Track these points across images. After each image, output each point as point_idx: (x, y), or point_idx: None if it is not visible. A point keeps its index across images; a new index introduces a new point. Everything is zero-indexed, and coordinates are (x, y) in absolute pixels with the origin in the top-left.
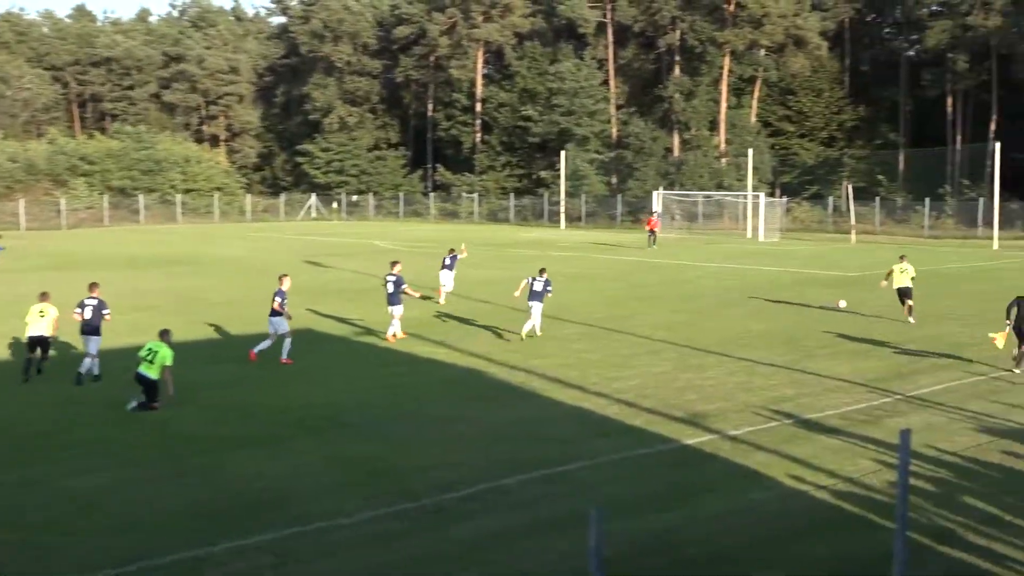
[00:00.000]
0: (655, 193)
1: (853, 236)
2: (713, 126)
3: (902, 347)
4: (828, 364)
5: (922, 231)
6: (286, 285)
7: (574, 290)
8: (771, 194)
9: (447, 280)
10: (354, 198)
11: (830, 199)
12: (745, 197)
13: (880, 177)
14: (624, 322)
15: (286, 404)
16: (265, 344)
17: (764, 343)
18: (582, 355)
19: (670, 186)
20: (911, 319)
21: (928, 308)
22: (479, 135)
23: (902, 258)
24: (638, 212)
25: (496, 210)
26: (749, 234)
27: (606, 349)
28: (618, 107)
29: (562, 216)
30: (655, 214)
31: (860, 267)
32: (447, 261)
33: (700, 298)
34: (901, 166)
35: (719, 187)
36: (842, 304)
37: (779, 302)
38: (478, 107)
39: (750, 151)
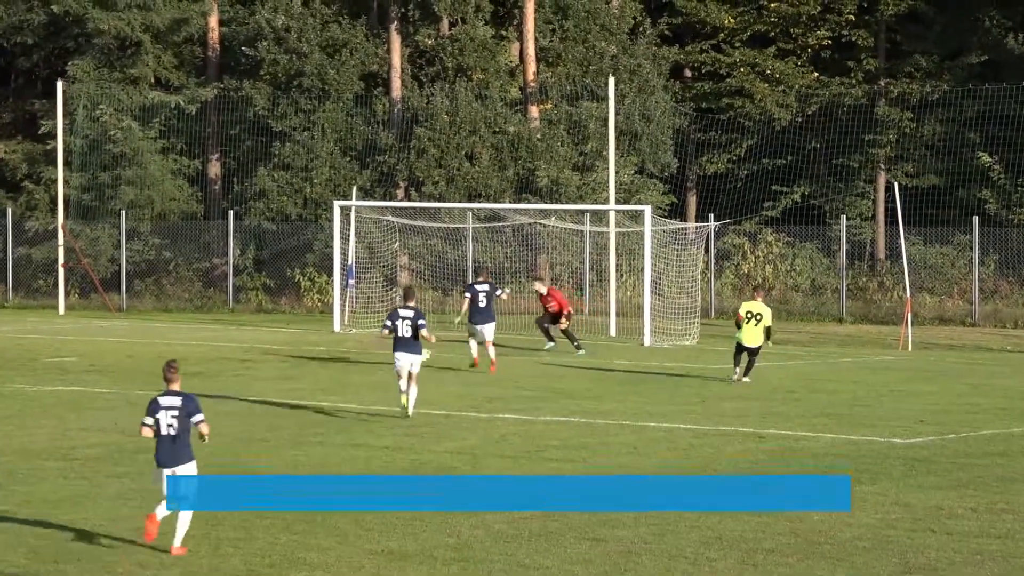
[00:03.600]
0: (336, 205)
1: (907, 335)
2: (502, 20)
3: None
4: None
5: None
6: None
7: None
8: (668, 209)
9: (489, 333)
10: None
11: (841, 222)
12: (598, 216)
13: (987, 159)
14: None
15: None
16: None
17: None
18: None
19: (380, 183)
20: (744, 378)
21: None
22: None
23: (756, 292)
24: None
25: None
26: (613, 330)
27: None
28: None
29: (60, 281)
30: (540, 281)
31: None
32: (482, 298)
33: None
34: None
35: (524, 186)
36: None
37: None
38: None
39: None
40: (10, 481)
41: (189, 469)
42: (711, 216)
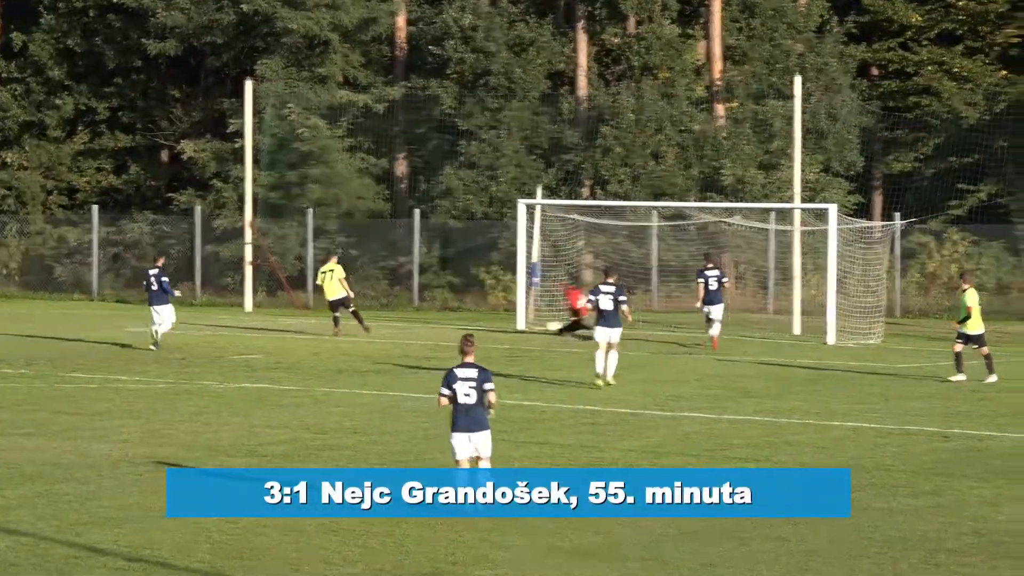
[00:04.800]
0: (521, 204)
1: None
2: (688, 18)
3: None
4: None
5: None
6: None
7: None
8: (854, 208)
9: (717, 313)
10: None
11: None
12: (782, 215)
13: None
14: None
15: None
16: None
17: None
18: None
19: (565, 182)
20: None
21: None
22: None
23: (963, 277)
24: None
25: (46, 258)
26: (797, 328)
27: None
28: None
29: (247, 278)
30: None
31: None
32: (712, 282)
33: None
34: None
35: (709, 184)
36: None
37: None
38: None
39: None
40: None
41: (486, 436)
42: (896, 215)
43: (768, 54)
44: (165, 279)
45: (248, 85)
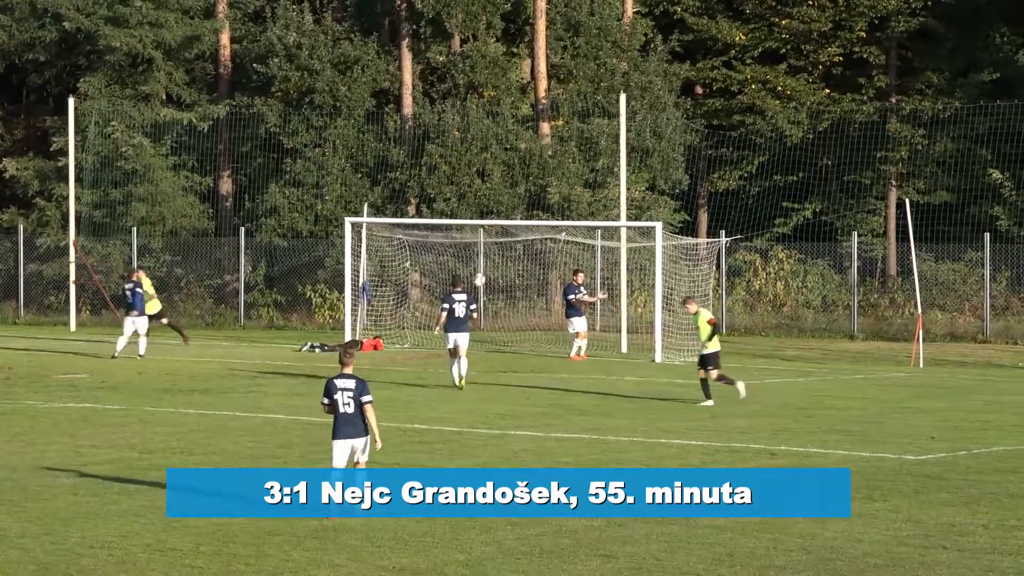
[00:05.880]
0: (348, 222)
1: (918, 351)
2: (513, 37)
3: None
4: None
5: None
6: None
7: None
8: (680, 226)
9: (580, 325)
10: None
11: (853, 238)
12: (609, 233)
13: (999, 176)
14: None
15: None
16: None
17: None
18: None
19: (391, 200)
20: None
21: None
22: None
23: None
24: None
25: None
26: (625, 346)
27: None
28: None
29: (71, 297)
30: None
31: None
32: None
33: None
34: None
35: (535, 202)
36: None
37: None
38: None
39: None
40: (22, 498)
41: (366, 442)
42: (722, 232)
43: (593, 72)
44: (139, 290)
45: (71, 103)
